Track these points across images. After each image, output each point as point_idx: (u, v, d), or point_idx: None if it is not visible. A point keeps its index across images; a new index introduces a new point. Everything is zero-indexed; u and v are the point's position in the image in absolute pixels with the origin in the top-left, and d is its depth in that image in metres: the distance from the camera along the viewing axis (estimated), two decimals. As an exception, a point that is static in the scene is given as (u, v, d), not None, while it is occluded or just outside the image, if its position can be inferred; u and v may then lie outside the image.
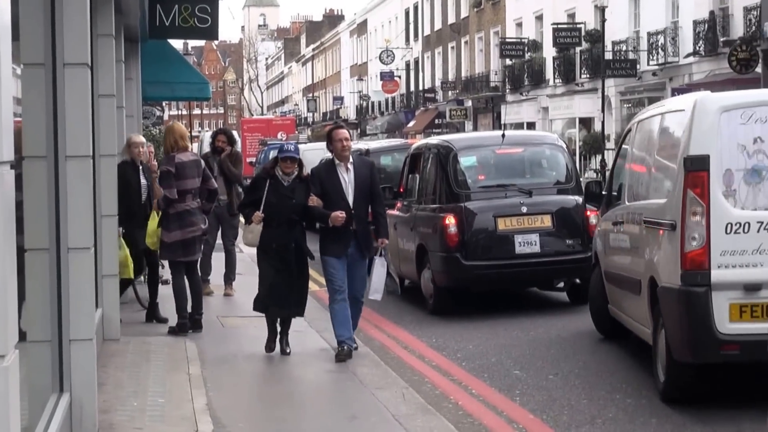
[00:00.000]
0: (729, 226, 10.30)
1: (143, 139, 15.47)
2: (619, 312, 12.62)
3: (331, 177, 12.62)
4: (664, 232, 10.80)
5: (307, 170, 13.25)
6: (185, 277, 14.21)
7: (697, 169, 10.46)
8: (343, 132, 12.93)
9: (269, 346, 12.74)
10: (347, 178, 12.59)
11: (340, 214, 12.23)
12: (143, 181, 14.71)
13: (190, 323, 14.16)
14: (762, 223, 10.24)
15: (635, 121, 13.27)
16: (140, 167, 14.72)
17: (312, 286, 14.22)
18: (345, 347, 12.43)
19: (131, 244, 14.75)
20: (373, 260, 12.82)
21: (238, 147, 20.72)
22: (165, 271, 15.39)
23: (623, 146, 13.68)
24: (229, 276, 17.97)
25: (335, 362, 12.22)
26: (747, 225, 10.31)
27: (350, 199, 12.52)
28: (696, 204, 10.35)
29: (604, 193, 14.26)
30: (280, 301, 12.68)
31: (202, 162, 14.52)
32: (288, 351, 12.67)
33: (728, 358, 10.00)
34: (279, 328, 12.85)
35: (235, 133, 22.92)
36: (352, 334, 12.75)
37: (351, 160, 12.76)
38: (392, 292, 12.73)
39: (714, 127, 10.54)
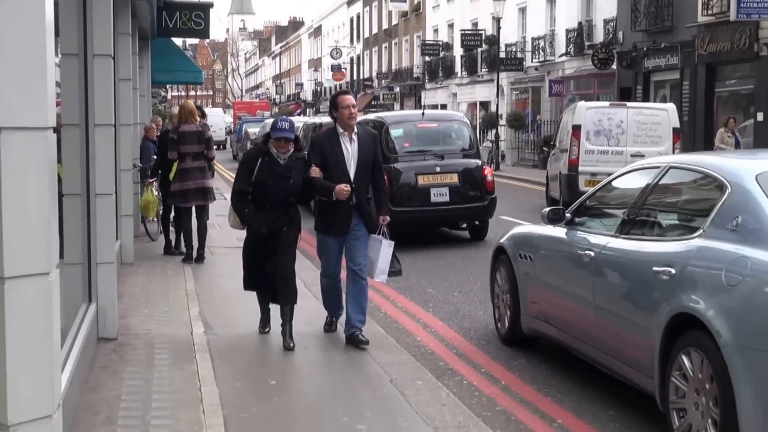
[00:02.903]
0: (587, 150, 20.38)
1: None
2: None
3: (332, 147, 9.06)
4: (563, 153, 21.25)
5: None
6: (195, 218, 14.22)
7: (576, 127, 20.56)
8: (351, 98, 9.18)
9: (262, 327, 9.48)
10: (350, 150, 9.08)
11: (345, 187, 8.83)
12: None
13: (195, 255, 14.09)
14: (596, 151, 20.36)
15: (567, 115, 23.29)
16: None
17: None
18: (334, 318, 9.61)
19: (163, 191, 15.24)
20: (375, 239, 9.26)
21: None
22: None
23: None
24: None
25: (324, 333, 9.47)
26: (592, 152, 20.38)
27: (352, 172, 9.05)
28: (575, 142, 20.44)
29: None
30: (266, 286, 9.19)
31: (208, 132, 14.26)
32: (292, 346, 8.80)
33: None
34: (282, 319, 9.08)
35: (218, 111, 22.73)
36: (341, 308, 9.48)
37: (355, 130, 9.16)
38: (396, 273, 9.45)
39: (584, 113, 20.72)
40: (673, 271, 6.26)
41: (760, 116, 28.02)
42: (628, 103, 22.42)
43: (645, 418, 7.04)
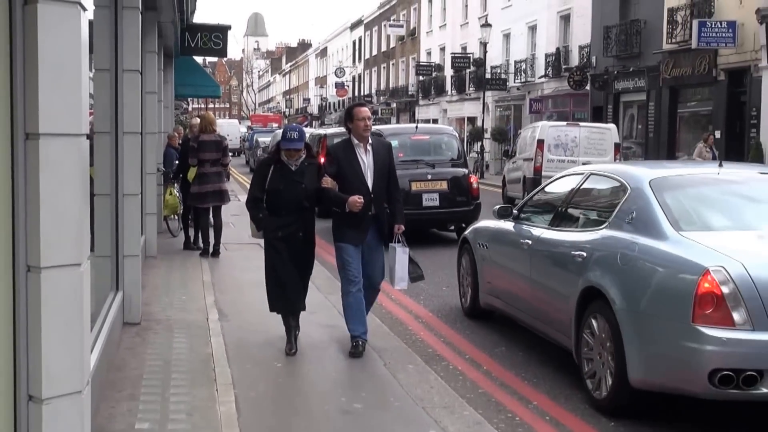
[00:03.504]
0: (548, 159, 22.93)
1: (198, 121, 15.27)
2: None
3: (349, 158, 8.13)
4: (529, 161, 23.72)
5: None
6: (212, 217, 14.22)
7: (540, 141, 23.48)
8: (366, 110, 8.24)
9: (288, 348, 8.21)
10: (366, 160, 8.16)
11: (358, 199, 7.91)
12: None
13: (211, 250, 14.10)
14: (556, 160, 22.74)
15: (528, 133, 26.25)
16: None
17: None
18: (360, 342, 8.15)
19: (183, 193, 15.21)
20: (391, 248, 8.44)
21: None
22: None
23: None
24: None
25: (350, 358, 8.05)
26: (552, 160, 22.86)
27: (369, 182, 8.15)
28: (538, 153, 23.23)
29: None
30: (290, 296, 8.25)
31: (225, 141, 14.28)
32: (294, 350, 8.14)
33: None
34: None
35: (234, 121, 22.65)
36: (367, 327, 8.32)
37: (370, 141, 8.25)
38: (417, 278, 8.62)
39: (546, 130, 23.66)
40: (585, 254, 7.23)
41: (717, 134, 28.08)
42: (581, 123, 26.03)
43: (611, 401, 7.07)
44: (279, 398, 6.81)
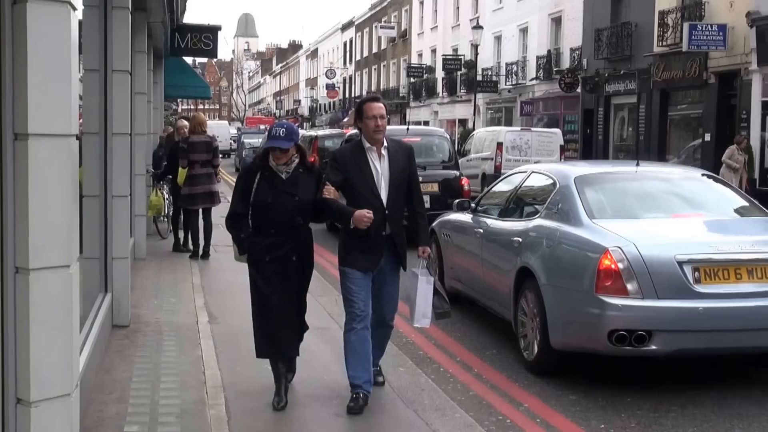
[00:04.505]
0: (506, 159, 26.10)
1: (186, 123, 15.16)
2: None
3: (359, 164, 6.50)
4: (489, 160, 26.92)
5: None
6: (202, 219, 14.16)
7: (500, 144, 27.02)
8: (379, 107, 6.56)
9: (277, 401, 6.61)
10: (380, 168, 6.54)
11: (366, 214, 6.27)
12: None
13: (201, 252, 14.05)
14: (512, 160, 25.34)
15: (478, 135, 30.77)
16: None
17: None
18: (361, 395, 6.55)
19: (172, 194, 15.28)
20: (412, 274, 6.96)
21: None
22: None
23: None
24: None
25: (347, 414, 6.46)
26: (510, 159, 25.66)
27: (383, 194, 6.52)
28: (498, 153, 26.56)
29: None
30: (279, 341, 6.69)
31: (215, 142, 14.18)
32: (284, 404, 6.60)
33: None
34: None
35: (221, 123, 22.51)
36: (371, 376, 6.73)
37: (385, 144, 6.62)
38: (443, 315, 7.17)
39: (504, 134, 27.38)
40: (520, 239, 8.48)
41: (707, 137, 28.17)
42: (533, 128, 31.11)
43: (602, 401, 7.10)
44: (269, 400, 6.78)
